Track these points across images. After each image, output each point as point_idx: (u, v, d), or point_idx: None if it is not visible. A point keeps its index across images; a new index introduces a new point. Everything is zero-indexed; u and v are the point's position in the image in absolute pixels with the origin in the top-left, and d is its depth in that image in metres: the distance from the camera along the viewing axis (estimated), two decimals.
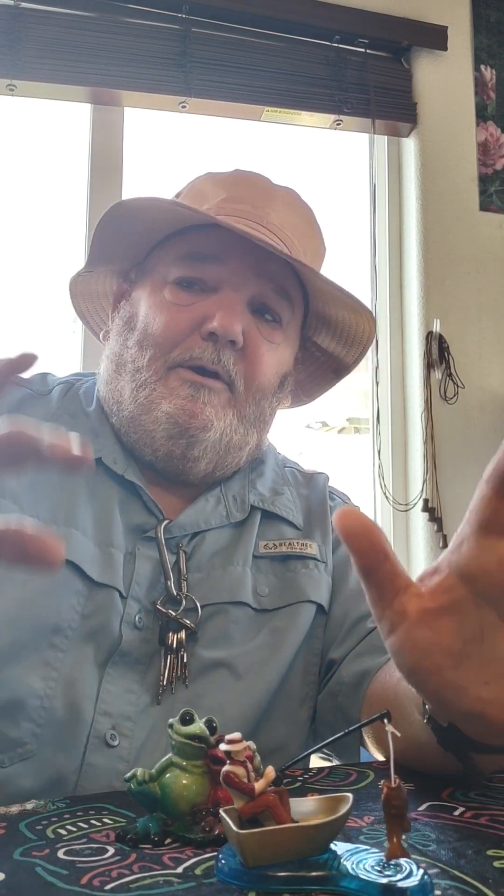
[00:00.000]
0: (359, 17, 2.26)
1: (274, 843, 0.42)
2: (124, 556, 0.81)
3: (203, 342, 0.82)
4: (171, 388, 0.83)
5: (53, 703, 0.74)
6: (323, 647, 0.88)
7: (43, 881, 0.43)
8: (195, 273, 0.85)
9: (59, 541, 0.76)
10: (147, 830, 0.49)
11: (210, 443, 0.83)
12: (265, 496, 0.92)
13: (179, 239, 0.87)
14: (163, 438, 0.83)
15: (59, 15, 2.01)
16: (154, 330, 0.84)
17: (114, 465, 0.85)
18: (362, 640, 0.85)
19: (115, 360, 0.88)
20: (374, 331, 0.95)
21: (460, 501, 2.22)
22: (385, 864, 0.41)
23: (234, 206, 0.88)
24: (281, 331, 0.88)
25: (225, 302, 0.83)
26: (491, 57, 2.44)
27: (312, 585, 0.88)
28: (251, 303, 0.86)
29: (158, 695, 0.77)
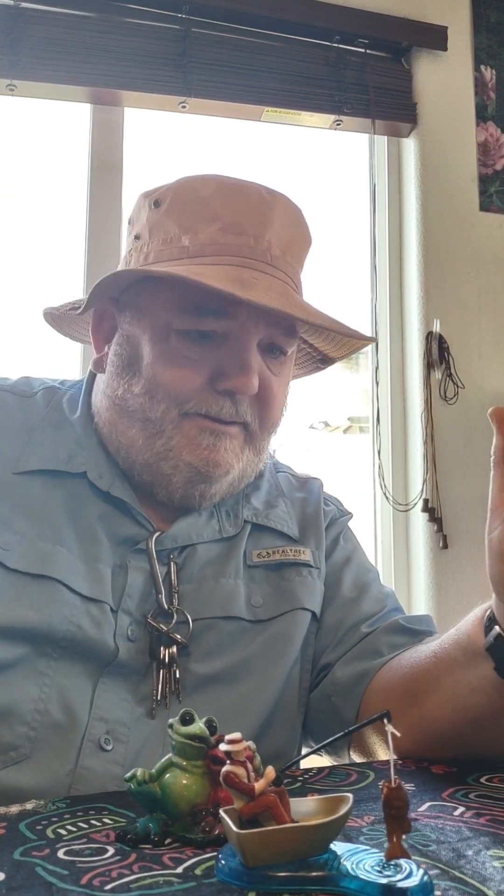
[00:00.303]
0: (359, 17, 2.26)
1: (274, 843, 0.42)
2: (112, 569, 0.81)
3: (220, 397, 0.81)
4: (190, 438, 0.81)
5: (48, 706, 0.74)
6: (315, 654, 0.88)
7: (43, 881, 0.43)
8: (205, 327, 0.81)
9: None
10: (147, 830, 0.49)
11: (227, 481, 0.84)
12: (259, 510, 0.91)
13: (182, 282, 0.79)
14: (181, 483, 0.82)
15: (59, 15, 2.01)
16: (165, 381, 0.81)
17: (99, 481, 0.84)
18: (357, 644, 0.85)
19: (118, 404, 0.85)
20: (368, 342, 0.95)
21: (460, 501, 2.23)
22: (385, 865, 0.41)
23: (233, 242, 0.82)
24: (286, 360, 0.88)
25: (238, 357, 0.80)
26: (491, 57, 2.44)
27: (307, 593, 0.87)
28: (260, 344, 0.83)
29: (152, 709, 0.77)
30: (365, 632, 0.86)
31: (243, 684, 0.80)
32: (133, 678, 0.77)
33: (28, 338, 2.09)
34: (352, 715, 0.81)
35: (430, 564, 2.19)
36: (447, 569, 2.19)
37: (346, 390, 2.54)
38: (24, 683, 0.74)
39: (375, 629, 0.86)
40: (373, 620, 0.87)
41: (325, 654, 0.87)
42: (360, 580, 0.92)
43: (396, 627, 0.86)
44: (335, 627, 0.88)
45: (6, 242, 2.06)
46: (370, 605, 0.90)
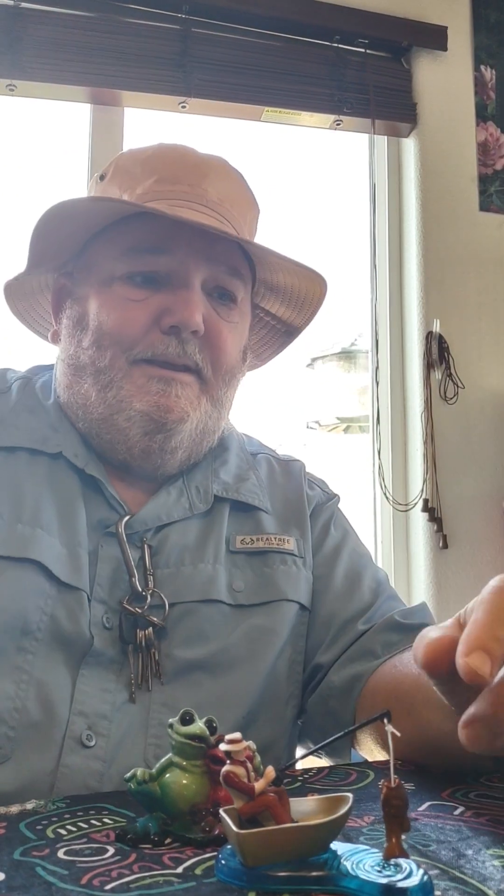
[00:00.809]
0: (359, 17, 2.26)
1: (274, 842, 0.42)
2: (89, 554, 0.80)
3: (165, 337, 0.81)
4: (140, 385, 0.81)
5: (26, 704, 0.72)
6: (309, 648, 0.86)
7: (43, 881, 0.43)
8: (144, 267, 0.82)
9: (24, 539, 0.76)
10: (147, 830, 0.49)
11: (187, 433, 0.82)
12: (229, 484, 0.90)
13: (119, 230, 0.84)
14: (139, 436, 0.81)
15: (59, 15, 2.01)
16: (110, 328, 0.82)
17: (75, 459, 0.84)
18: (352, 643, 0.84)
19: (72, 364, 0.86)
20: (324, 292, 0.93)
21: (460, 501, 2.23)
22: (385, 864, 0.41)
23: (171, 189, 0.85)
24: (237, 308, 0.87)
25: (181, 294, 0.81)
26: (491, 57, 2.44)
27: (291, 583, 0.86)
28: (205, 286, 0.84)
29: (132, 693, 0.76)
30: (360, 630, 0.84)
31: (227, 675, 0.79)
32: (113, 666, 0.76)
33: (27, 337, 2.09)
34: (349, 717, 0.81)
35: (430, 564, 2.19)
36: (447, 569, 2.19)
37: (346, 390, 2.54)
38: (2, 681, 0.72)
39: (370, 627, 0.84)
40: (368, 616, 0.86)
41: (319, 653, 0.85)
42: (353, 569, 0.91)
43: (391, 625, 0.84)
44: (328, 623, 0.86)
45: (6, 242, 2.06)
46: (364, 595, 0.88)
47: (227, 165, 0.91)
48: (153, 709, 0.76)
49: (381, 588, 0.90)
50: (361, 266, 2.40)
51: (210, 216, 0.84)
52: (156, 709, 0.76)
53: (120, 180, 0.88)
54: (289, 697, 0.84)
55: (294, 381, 2.48)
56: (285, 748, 0.84)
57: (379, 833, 0.50)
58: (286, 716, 0.84)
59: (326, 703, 0.83)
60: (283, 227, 0.95)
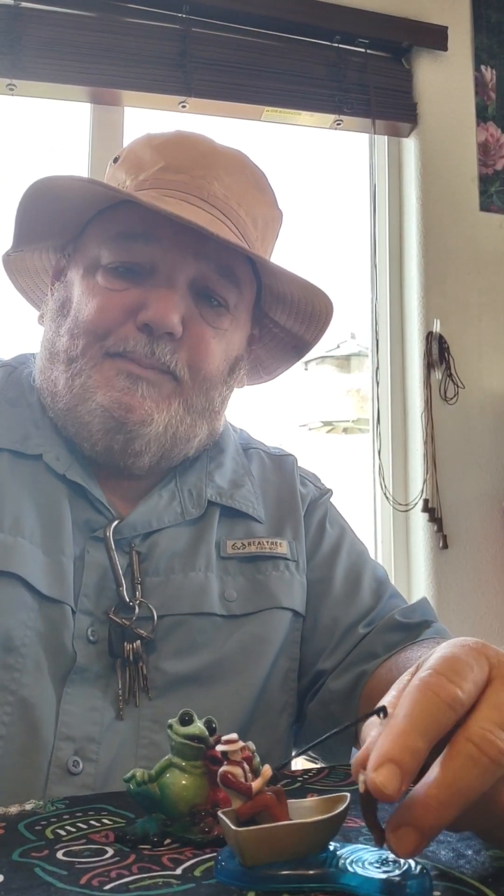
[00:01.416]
0: (359, 17, 2.26)
1: (272, 840, 0.41)
2: (74, 561, 0.76)
3: (137, 333, 0.76)
4: (107, 378, 0.77)
5: (11, 730, 0.69)
6: (309, 655, 0.84)
7: (42, 882, 0.43)
8: (127, 256, 0.78)
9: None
10: (146, 831, 0.49)
11: (152, 436, 0.78)
12: (223, 489, 0.86)
13: (112, 215, 0.81)
14: (100, 432, 0.77)
15: (59, 15, 2.01)
16: (85, 317, 0.78)
17: (55, 463, 0.79)
18: (354, 648, 0.82)
19: (48, 348, 0.82)
20: (331, 309, 0.87)
21: (460, 501, 2.22)
22: (384, 861, 0.41)
23: (172, 178, 0.81)
24: (228, 314, 0.82)
25: (160, 290, 0.77)
26: (491, 57, 2.44)
27: (284, 590, 0.83)
28: (192, 286, 0.79)
29: (120, 709, 0.72)
30: (362, 633, 0.82)
31: (218, 686, 0.76)
32: (99, 682, 0.73)
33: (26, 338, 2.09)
34: (351, 720, 0.80)
35: (430, 564, 2.19)
36: (447, 569, 2.19)
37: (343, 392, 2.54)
38: None
39: (372, 629, 0.83)
40: (370, 619, 0.84)
41: (322, 660, 0.83)
42: (353, 570, 0.88)
43: (392, 625, 0.82)
44: (330, 629, 0.84)
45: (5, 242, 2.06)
46: (365, 598, 0.85)
47: (244, 160, 0.86)
48: (142, 725, 0.73)
49: (381, 588, 0.88)
50: (361, 266, 2.40)
51: (205, 211, 0.79)
52: (145, 725, 0.73)
53: (128, 165, 0.84)
54: (283, 706, 0.82)
55: (290, 382, 2.48)
56: (281, 757, 0.82)
57: None
58: (280, 725, 0.82)
59: (327, 707, 0.81)
60: (283, 228, 0.93)
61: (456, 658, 0.41)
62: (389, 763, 0.38)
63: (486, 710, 0.40)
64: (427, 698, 0.39)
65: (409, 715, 0.39)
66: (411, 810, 0.38)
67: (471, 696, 0.40)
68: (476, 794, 0.38)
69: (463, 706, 0.40)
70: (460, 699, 0.39)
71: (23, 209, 0.83)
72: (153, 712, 0.73)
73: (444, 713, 0.39)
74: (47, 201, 0.81)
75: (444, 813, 0.38)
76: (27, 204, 0.82)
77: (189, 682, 0.76)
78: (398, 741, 0.38)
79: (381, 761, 0.38)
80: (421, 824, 0.37)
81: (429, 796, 0.38)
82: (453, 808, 0.38)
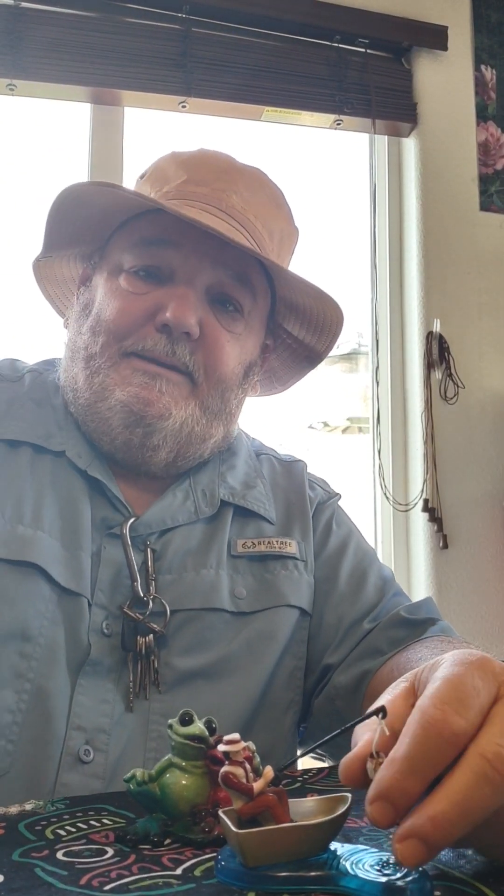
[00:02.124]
0: (359, 17, 2.26)
1: (273, 842, 0.41)
2: (92, 556, 0.78)
3: (156, 334, 0.80)
4: (124, 376, 0.80)
5: (26, 717, 0.71)
6: (316, 651, 0.85)
7: (42, 882, 0.43)
8: (149, 260, 0.82)
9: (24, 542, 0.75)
10: (147, 831, 0.49)
11: (169, 431, 0.80)
12: (236, 490, 0.88)
13: (135, 224, 0.85)
14: (119, 427, 0.80)
15: (59, 15, 2.01)
16: (107, 317, 0.82)
17: (78, 460, 0.82)
18: (359, 643, 0.83)
19: (70, 347, 0.86)
20: (341, 319, 0.91)
21: (460, 501, 2.22)
22: (385, 863, 0.41)
23: (193, 189, 0.85)
24: (242, 320, 0.85)
25: (179, 291, 0.80)
26: (491, 57, 2.44)
27: (292, 588, 0.85)
28: (209, 291, 0.83)
29: (130, 702, 0.74)
30: (367, 628, 0.83)
31: (225, 681, 0.78)
32: (111, 675, 0.75)
33: (27, 338, 2.09)
34: (355, 716, 0.80)
35: (430, 564, 2.19)
36: (447, 569, 2.19)
37: (344, 391, 2.54)
38: (2, 690, 0.71)
39: (377, 625, 0.84)
40: (374, 614, 0.85)
41: (327, 655, 0.84)
42: (359, 568, 0.89)
43: (397, 621, 0.83)
44: (335, 625, 0.85)
45: (6, 242, 2.06)
46: (370, 595, 0.87)
47: (263, 178, 0.91)
48: (151, 719, 0.75)
49: (387, 586, 0.89)
50: (362, 266, 2.40)
51: (224, 220, 0.83)
52: (154, 719, 0.75)
53: (154, 179, 0.89)
54: (288, 704, 0.83)
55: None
56: (284, 755, 0.83)
57: (379, 833, 0.50)
58: (285, 722, 0.83)
59: (333, 703, 0.82)
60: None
61: (461, 682, 0.41)
62: (384, 801, 0.39)
63: (499, 726, 0.40)
64: (428, 737, 0.39)
65: (409, 757, 0.39)
66: (420, 823, 0.38)
67: (475, 724, 0.40)
68: (487, 811, 0.38)
69: (467, 737, 0.40)
70: (463, 731, 0.39)
71: (53, 215, 0.86)
72: (162, 706, 0.75)
73: (445, 751, 0.39)
74: (76, 207, 0.85)
75: (452, 828, 0.38)
76: (57, 210, 0.85)
77: (197, 677, 0.77)
78: (394, 781, 0.39)
79: (377, 797, 0.39)
80: (428, 838, 0.38)
81: (438, 811, 0.38)
82: (462, 825, 0.38)
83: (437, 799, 0.38)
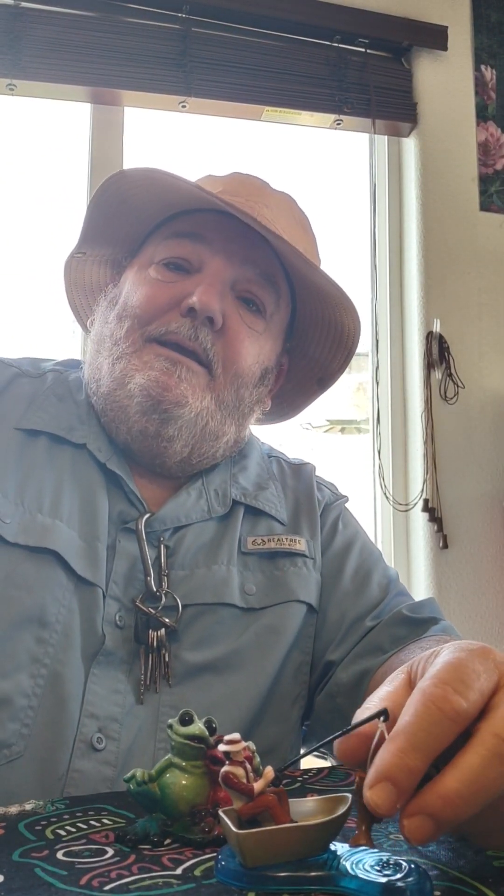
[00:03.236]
0: (359, 17, 2.26)
1: (273, 843, 0.41)
2: (107, 549, 0.79)
3: (181, 318, 0.81)
4: (146, 361, 0.81)
5: (41, 702, 0.72)
6: (319, 647, 0.86)
7: (42, 882, 0.43)
8: (179, 251, 0.85)
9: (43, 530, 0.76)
10: (146, 831, 0.49)
11: (185, 421, 0.81)
12: (248, 490, 0.90)
13: (169, 224, 0.89)
14: (137, 414, 0.81)
15: (59, 15, 2.01)
16: (133, 302, 0.84)
17: (98, 454, 0.84)
18: (361, 640, 0.84)
19: (96, 340, 0.88)
20: (358, 330, 0.93)
21: (460, 501, 2.22)
22: (385, 864, 0.41)
23: (229, 199, 0.86)
24: (263, 320, 0.87)
25: (206, 279, 0.82)
26: (491, 57, 2.44)
27: (301, 584, 0.86)
28: (234, 287, 0.85)
29: (140, 694, 0.75)
30: (369, 626, 0.84)
31: (234, 675, 0.79)
32: (123, 667, 0.76)
33: (26, 338, 2.09)
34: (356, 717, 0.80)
35: (430, 564, 2.19)
36: (447, 569, 2.19)
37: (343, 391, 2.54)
38: (18, 673, 0.72)
39: (379, 622, 0.84)
40: (377, 612, 0.86)
41: (329, 651, 0.85)
42: (363, 567, 0.91)
43: (399, 619, 0.84)
44: (338, 622, 0.86)
45: (6, 242, 2.06)
46: (373, 593, 0.88)
47: (293, 203, 0.94)
48: (162, 711, 0.76)
49: (390, 585, 0.90)
50: (361, 266, 2.40)
51: (257, 224, 0.84)
52: (164, 711, 0.76)
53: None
54: (295, 698, 0.84)
55: None
56: (290, 748, 0.84)
57: (379, 834, 0.50)
58: (292, 716, 0.84)
59: (334, 700, 0.83)
60: None
61: (462, 665, 0.41)
62: (386, 782, 0.38)
63: None
64: (429, 712, 0.39)
65: (409, 732, 0.39)
66: (430, 800, 0.38)
67: (476, 706, 0.40)
68: (498, 791, 0.38)
69: (468, 717, 0.39)
70: (464, 711, 0.39)
71: (93, 208, 0.89)
72: (172, 699, 0.76)
73: (447, 728, 0.39)
74: (116, 203, 0.87)
75: (464, 807, 0.38)
76: (98, 203, 0.88)
77: (207, 671, 0.78)
78: (396, 760, 0.38)
79: (378, 779, 0.38)
80: (439, 816, 0.37)
81: (450, 789, 0.38)
82: (474, 803, 0.38)
83: (449, 776, 0.38)
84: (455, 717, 0.39)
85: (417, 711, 0.39)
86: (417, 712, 0.39)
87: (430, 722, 0.39)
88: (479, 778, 0.38)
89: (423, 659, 0.46)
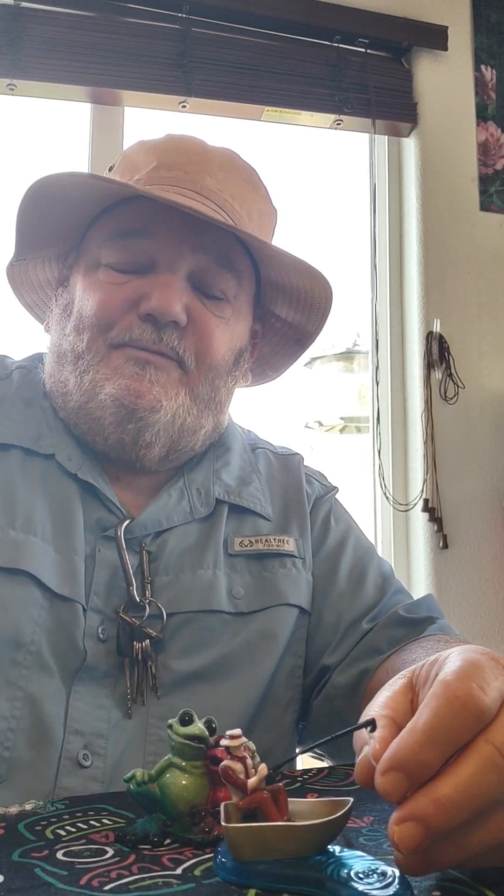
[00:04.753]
0: (359, 17, 2.26)
1: (260, 840, 0.41)
2: (85, 560, 0.76)
3: (142, 323, 0.78)
4: (115, 367, 0.78)
5: (21, 724, 0.70)
6: (314, 651, 0.84)
7: (42, 882, 0.43)
8: (126, 252, 0.80)
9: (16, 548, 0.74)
10: (146, 831, 0.49)
11: (161, 425, 0.78)
12: (231, 487, 0.87)
13: (108, 217, 0.83)
14: (111, 425, 0.78)
15: (59, 15, 2.01)
16: (88, 311, 0.80)
17: (68, 463, 0.80)
18: (358, 643, 0.82)
19: (55, 351, 0.84)
20: (330, 295, 0.88)
21: (460, 501, 2.22)
22: (371, 872, 0.40)
23: (165, 174, 0.83)
24: (228, 305, 0.83)
25: (161, 280, 0.78)
26: (491, 57, 2.44)
27: (291, 587, 0.84)
28: (191, 277, 0.80)
29: (128, 709, 0.73)
30: (366, 628, 0.83)
31: (224, 683, 0.77)
32: (107, 681, 0.74)
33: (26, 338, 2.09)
34: (355, 716, 0.80)
35: (430, 564, 2.19)
36: (447, 569, 2.19)
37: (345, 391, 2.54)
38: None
39: (376, 624, 0.83)
40: (374, 614, 0.84)
41: (326, 655, 0.83)
42: (358, 565, 0.88)
43: (396, 620, 0.82)
44: (334, 625, 0.84)
45: (5, 243, 2.06)
46: (370, 593, 0.86)
47: (236, 158, 0.88)
48: (150, 723, 0.74)
49: (386, 583, 0.88)
50: (361, 266, 2.40)
51: (201, 203, 0.81)
52: (153, 723, 0.74)
53: (123, 169, 0.87)
54: (288, 703, 0.83)
55: (293, 381, 2.48)
56: (284, 753, 0.82)
57: (379, 834, 0.50)
58: (285, 721, 0.82)
59: (332, 703, 0.81)
60: (283, 227, 0.93)
61: (482, 665, 0.41)
62: (398, 772, 0.38)
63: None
64: (453, 708, 0.38)
65: (431, 726, 0.38)
66: (423, 806, 0.37)
67: (496, 707, 0.39)
68: (490, 800, 0.38)
69: (489, 717, 0.39)
70: (488, 710, 0.38)
71: (22, 214, 0.84)
72: (161, 710, 0.74)
73: (469, 725, 0.38)
74: (47, 205, 0.82)
75: (456, 814, 0.37)
76: (27, 209, 0.83)
77: (196, 679, 0.76)
78: (412, 751, 0.38)
79: (390, 766, 0.38)
80: (429, 822, 0.37)
81: (443, 795, 0.37)
82: (465, 811, 0.37)
83: (442, 782, 0.37)
84: (479, 714, 0.38)
85: (440, 706, 0.38)
86: (440, 707, 0.38)
87: (454, 717, 0.38)
88: (473, 785, 0.37)
89: (426, 664, 0.45)
